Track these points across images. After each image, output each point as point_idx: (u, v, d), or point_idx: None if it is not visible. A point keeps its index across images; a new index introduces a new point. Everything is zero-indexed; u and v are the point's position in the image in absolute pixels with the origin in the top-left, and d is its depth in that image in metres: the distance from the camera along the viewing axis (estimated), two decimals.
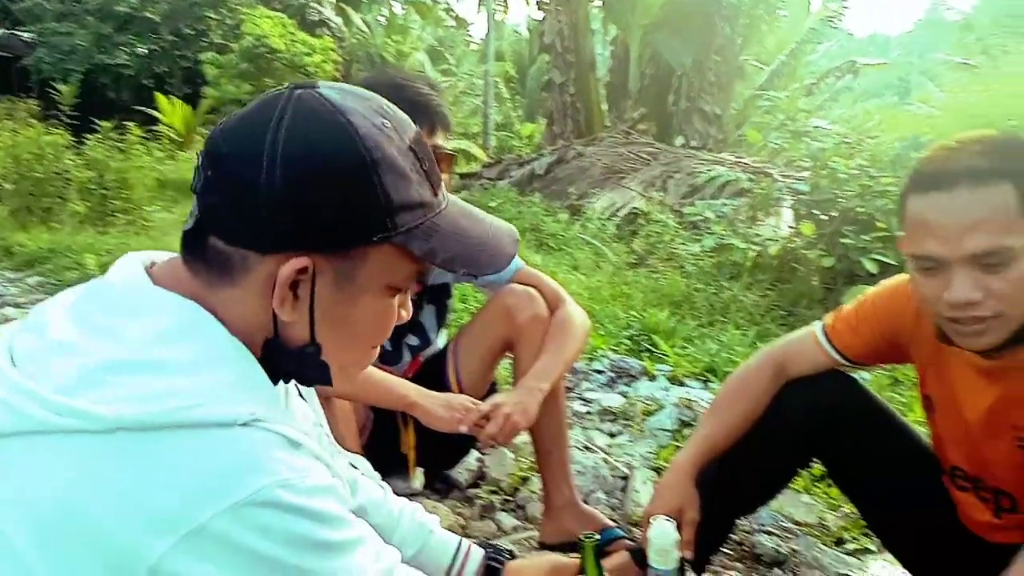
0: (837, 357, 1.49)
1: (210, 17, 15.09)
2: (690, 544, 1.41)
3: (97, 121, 8.27)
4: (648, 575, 1.24)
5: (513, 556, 1.26)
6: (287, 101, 0.77)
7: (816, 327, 1.55)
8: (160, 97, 13.74)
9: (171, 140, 11.49)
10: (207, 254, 0.78)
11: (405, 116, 0.84)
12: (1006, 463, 1.29)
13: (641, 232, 4.99)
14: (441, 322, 2.03)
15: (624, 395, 2.64)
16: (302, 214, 0.76)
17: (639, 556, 1.57)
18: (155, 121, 12.71)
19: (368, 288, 0.80)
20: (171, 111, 13.61)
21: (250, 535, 0.68)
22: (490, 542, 1.38)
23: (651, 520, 1.24)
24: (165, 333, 0.75)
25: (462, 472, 2.19)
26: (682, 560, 1.29)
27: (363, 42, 15.71)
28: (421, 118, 1.72)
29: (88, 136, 7.92)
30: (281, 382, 0.85)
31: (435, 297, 1.97)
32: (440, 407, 1.71)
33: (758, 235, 3.85)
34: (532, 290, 1.93)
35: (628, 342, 3.12)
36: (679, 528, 1.38)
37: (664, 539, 1.21)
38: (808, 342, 1.53)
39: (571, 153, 8.06)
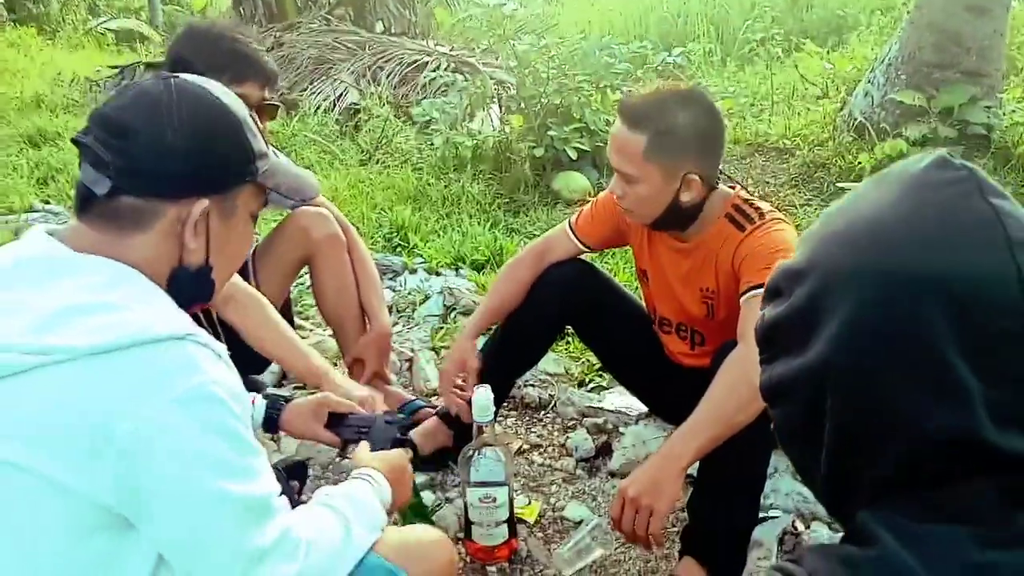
0: (580, 245, 2.01)
1: None
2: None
3: None
4: (473, 427, 1.66)
5: (289, 400, 1.61)
6: (167, 86, 1.06)
7: (565, 224, 2.04)
8: None
9: None
10: (119, 211, 1.04)
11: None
12: (696, 312, 1.88)
13: (364, 127, 5.20)
14: None
15: (393, 289, 3.01)
16: (202, 167, 1.07)
17: (446, 418, 2.02)
18: None
19: (241, 217, 1.13)
20: None
21: (190, 420, 0.94)
22: (270, 392, 1.69)
23: (475, 388, 1.66)
24: (101, 284, 1.00)
25: (266, 375, 2.44)
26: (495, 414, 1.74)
27: None
28: (255, 73, 1.88)
29: None
30: None
31: None
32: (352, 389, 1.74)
33: (479, 132, 4.30)
34: (323, 210, 2.21)
35: (383, 240, 3.46)
36: (466, 379, 1.88)
37: (484, 399, 1.64)
38: (560, 235, 2.03)
39: (270, 40, 7.79)
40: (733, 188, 1.83)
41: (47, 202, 4.10)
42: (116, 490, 0.93)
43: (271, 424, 1.55)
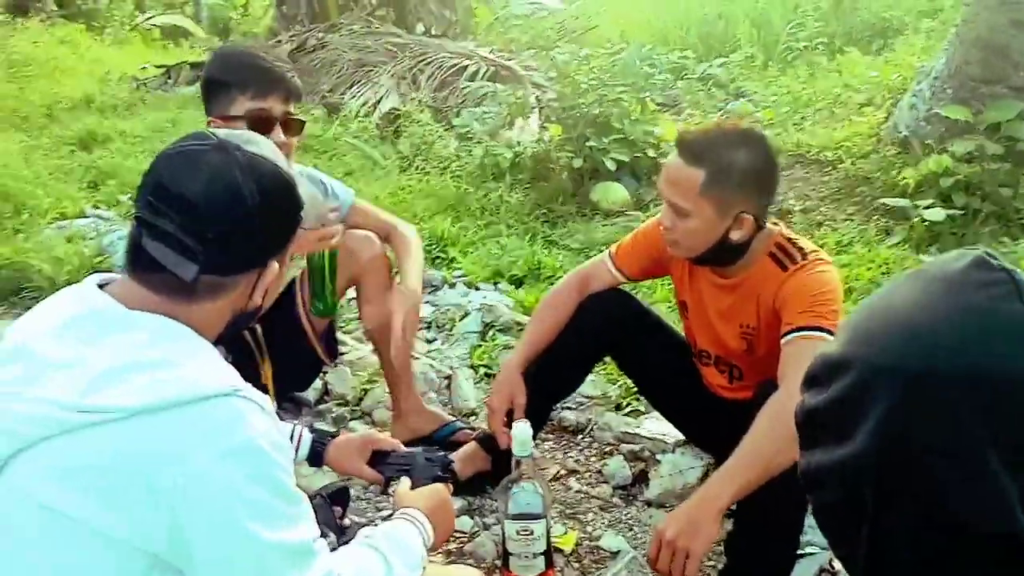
0: (620, 276, 2.03)
1: None
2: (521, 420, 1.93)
3: None
4: (513, 462, 1.69)
5: (335, 436, 1.66)
6: (239, 165, 1.08)
7: (605, 255, 2.06)
8: None
9: None
10: (196, 287, 1.08)
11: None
12: (735, 348, 1.90)
13: (404, 133, 5.25)
14: None
15: (433, 304, 3.05)
16: (277, 237, 1.14)
17: (485, 443, 2.06)
18: None
19: (285, 257, 1.19)
20: None
21: (238, 472, 1.00)
22: (315, 427, 1.75)
23: (514, 423, 1.69)
24: (152, 341, 1.05)
25: (309, 392, 2.50)
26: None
27: None
28: (279, 88, 1.94)
29: None
30: None
31: None
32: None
33: (518, 142, 4.32)
34: (369, 233, 2.26)
35: (424, 252, 3.51)
36: (513, 411, 1.89)
37: (524, 434, 1.66)
38: (600, 267, 2.05)
39: (312, 41, 7.88)
40: (776, 225, 1.84)
41: (97, 207, 4.21)
42: (167, 539, 0.98)
43: (316, 459, 1.60)
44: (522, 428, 1.68)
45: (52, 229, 3.85)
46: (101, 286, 1.11)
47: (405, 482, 1.50)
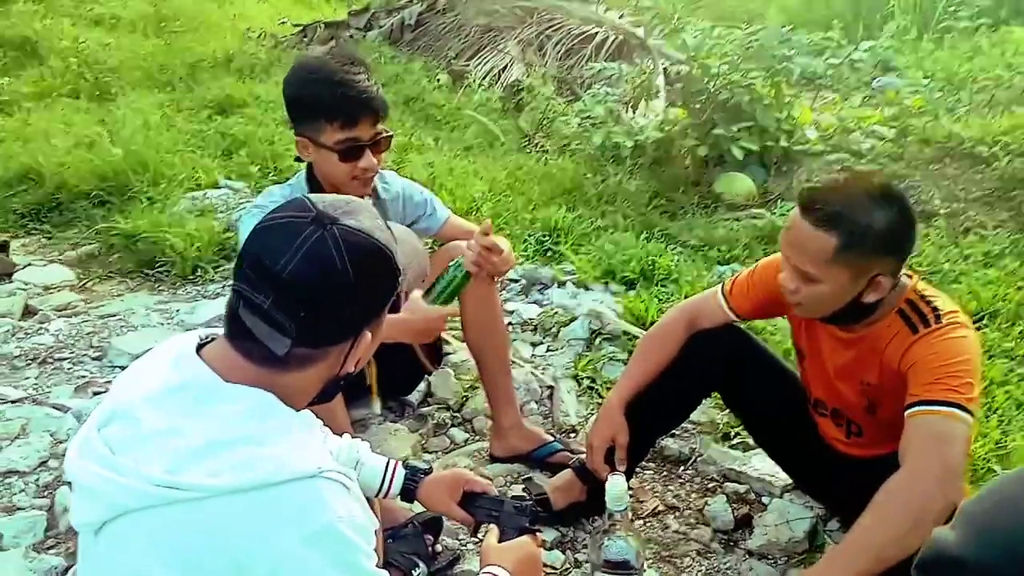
0: (732, 315, 1.92)
1: None
2: (623, 460, 1.88)
3: None
4: (606, 514, 1.65)
5: (428, 472, 1.64)
6: (336, 243, 1.06)
7: (717, 291, 1.95)
8: None
9: None
10: (288, 359, 1.07)
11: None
12: (854, 404, 1.77)
13: (526, 107, 5.17)
14: None
15: (539, 303, 3.01)
16: (371, 308, 1.13)
17: (582, 472, 2.02)
18: None
19: (380, 326, 1.17)
20: None
21: (321, 559, 1.01)
22: (410, 463, 1.75)
23: (608, 476, 1.63)
24: (242, 416, 1.05)
25: (413, 393, 2.53)
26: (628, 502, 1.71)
27: None
28: (367, 114, 1.94)
29: None
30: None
31: None
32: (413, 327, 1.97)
33: (641, 128, 4.17)
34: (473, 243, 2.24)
35: (535, 244, 3.46)
36: (615, 450, 1.84)
37: (618, 489, 1.61)
38: (711, 303, 1.94)
39: (441, 2, 7.85)
40: (910, 277, 1.68)
41: (230, 178, 4.36)
42: None
43: (408, 495, 1.61)
44: (616, 481, 1.63)
45: (187, 200, 4.02)
46: (201, 345, 1.14)
47: (493, 532, 1.48)
